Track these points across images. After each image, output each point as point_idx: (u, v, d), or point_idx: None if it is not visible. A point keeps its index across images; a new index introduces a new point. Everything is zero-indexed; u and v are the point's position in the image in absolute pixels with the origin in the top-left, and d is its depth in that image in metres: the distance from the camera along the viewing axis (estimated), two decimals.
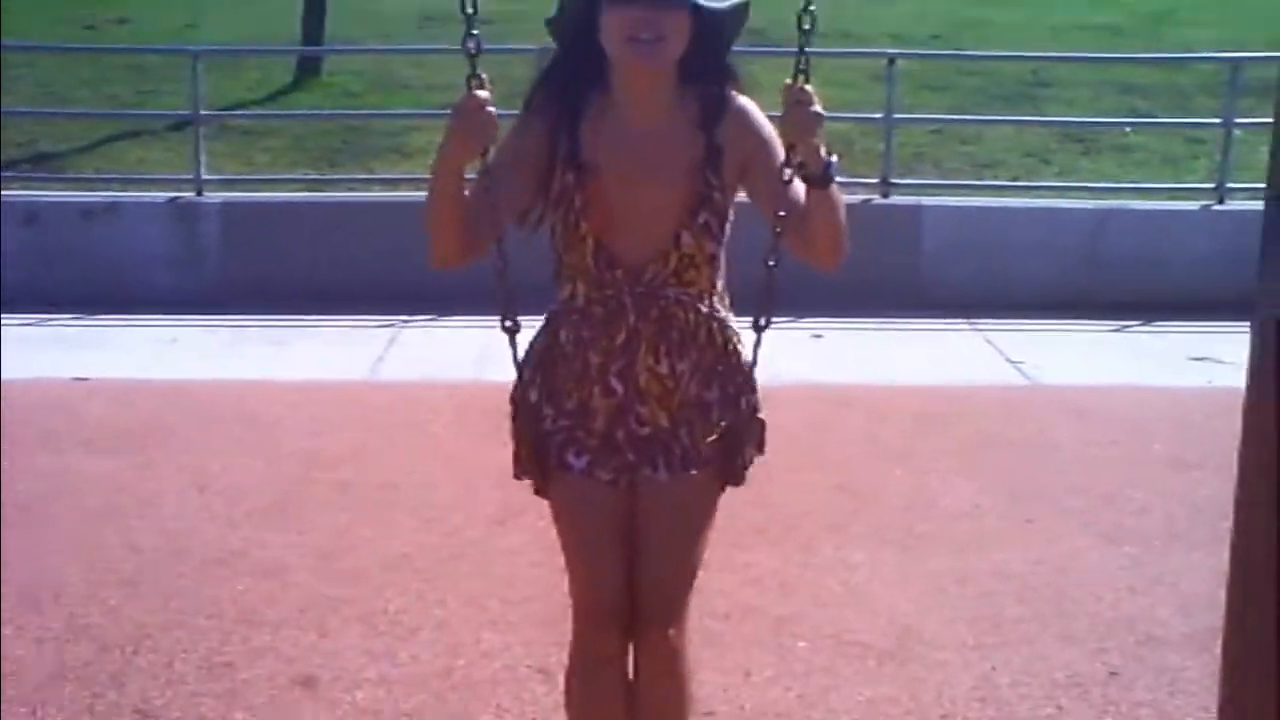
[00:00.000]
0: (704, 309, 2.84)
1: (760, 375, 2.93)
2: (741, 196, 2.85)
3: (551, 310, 2.89)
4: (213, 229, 9.08)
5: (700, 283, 2.82)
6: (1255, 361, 2.29)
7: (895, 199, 9.25)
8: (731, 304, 2.92)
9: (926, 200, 9.34)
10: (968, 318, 8.50)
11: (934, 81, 11.97)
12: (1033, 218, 9.24)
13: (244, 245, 9.02)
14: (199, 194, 9.24)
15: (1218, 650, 2.43)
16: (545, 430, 2.86)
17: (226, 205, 9.21)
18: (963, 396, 6.95)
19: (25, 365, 7.21)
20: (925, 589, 4.61)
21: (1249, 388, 2.31)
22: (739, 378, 2.89)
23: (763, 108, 2.87)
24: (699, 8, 2.69)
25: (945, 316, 8.53)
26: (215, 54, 11.50)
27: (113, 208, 9.17)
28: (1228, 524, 2.36)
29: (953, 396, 6.93)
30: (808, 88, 2.62)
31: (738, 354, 2.90)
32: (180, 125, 10.40)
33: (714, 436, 2.86)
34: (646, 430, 2.83)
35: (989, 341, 8.10)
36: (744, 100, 2.82)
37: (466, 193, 2.70)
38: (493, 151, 2.68)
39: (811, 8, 2.66)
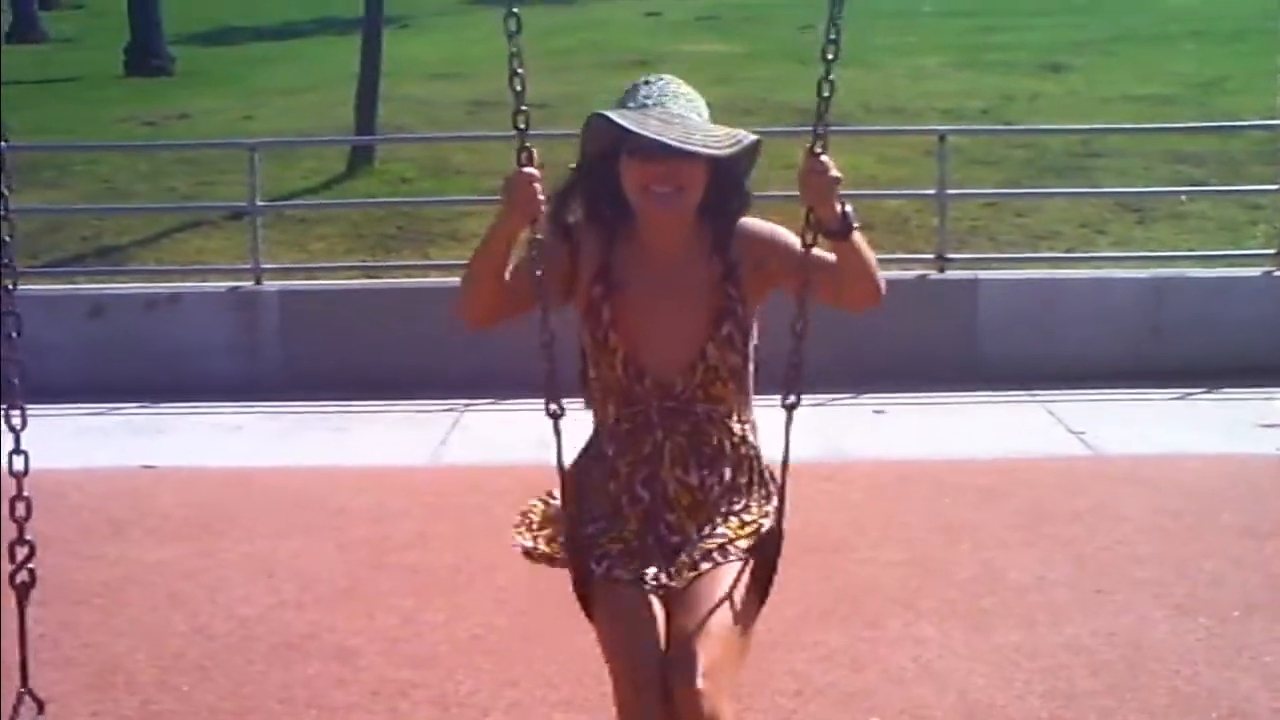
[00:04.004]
0: (736, 430, 2.97)
1: (823, 452, 2.98)
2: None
3: (589, 438, 3.04)
4: (272, 317, 9.19)
5: (728, 400, 2.95)
6: None
7: (951, 273, 9.24)
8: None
9: (983, 274, 9.33)
10: (1027, 389, 8.46)
11: (985, 156, 11.98)
12: (1090, 288, 9.21)
13: (303, 332, 9.12)
14: (258, 283, 9.36)
15: None
16: (582, 536, 2.93)
17: (285, 293, 9.31)
18: (1025, 468, 6.90)
19: (93, 455, 7.30)
20: (996, 663, 4.56)
21: None
22: (766, 500, 2.99)
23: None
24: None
25: (1004, 389, 8.49)
26: (270, 145, 11.66)
27: (174, 298, 9.30)
28: None
29: (1015, 469, 6.88)
30: (824, 157, 2.73)
31: (764, 478, 3.02)
32: (238, 215, 10.56)
33: (745, 539, 2.91)
34: (676, 539, 2.91)
35: (1050, 412, 8.06)
36: (746, 220, 2.99)
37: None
38: (526, 233, 2.84)
39: (831, 77, 2.73)
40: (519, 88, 2.77)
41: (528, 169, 2.77)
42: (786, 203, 3.03)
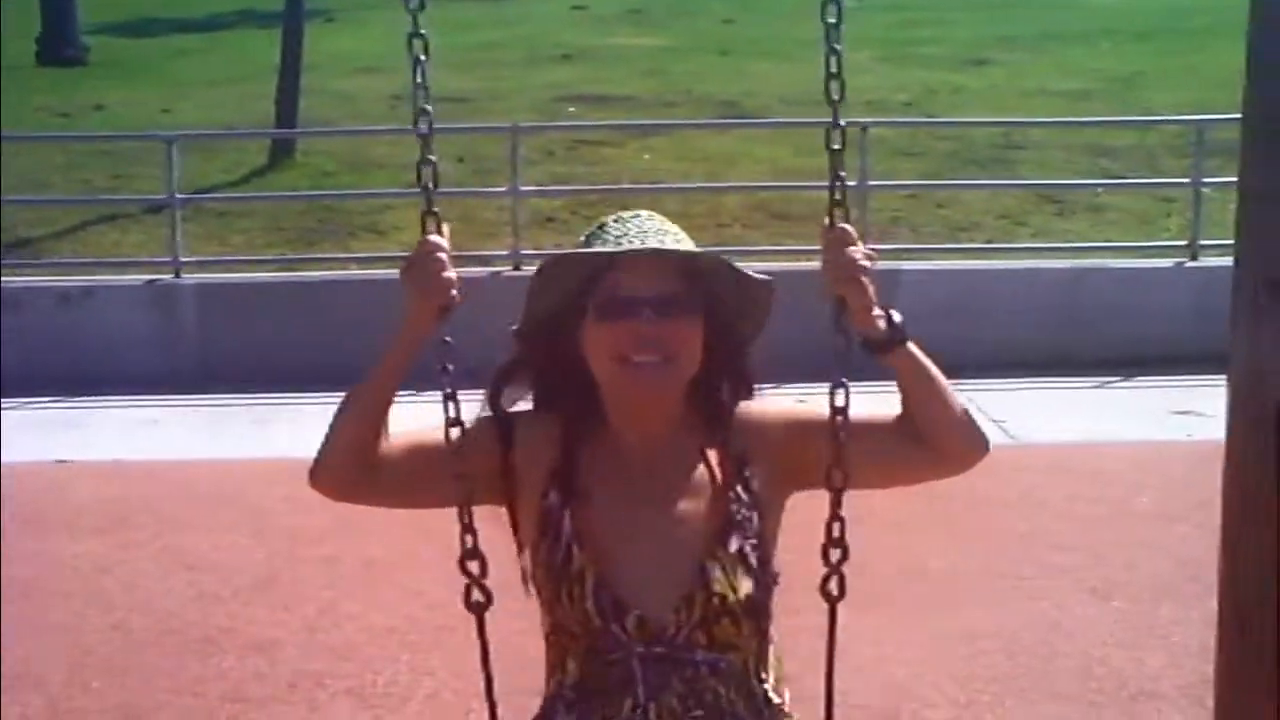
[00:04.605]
0: (756, 689, 2.09)
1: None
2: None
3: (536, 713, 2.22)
4: (190, 311, 9.09)
5: (741, 645, 2.07)
6: (1232, 414, 2.30)
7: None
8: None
9: (904, 265, 9.40)
10: (948, 378, 8.51)
11: (907, 147, 12.07)
12: (1010, 278, 9.31)
13: (222, 326, 9.02)
14: (176, 276, 9.26)
15: (1210, 702, 2.42)
16: None
17: (203, 287, 9.22)
18: None
19: (7, 450, 7.17)
20: (917, 650, 4.60)
21: (1229, 441, 2.31)
22: None
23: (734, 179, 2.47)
24: (713, 305, 2.11)
25: None
26: (190, 138, 11.52)
27: (90, 292, 9.18)
28: (1215, 575, 2.36)
29: None
30: (847, 227, 2.08)
31: None
32: (156, 209, 10.42)
33: None
34: None
35: (970, 401, 8.10)
36: (752, 403, 2.24)
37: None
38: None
39: (842, 123, 2.09)
40: (425, 129, 2.09)
41: (433, 237, 2.05)
42: (708, 194, 2.76)
